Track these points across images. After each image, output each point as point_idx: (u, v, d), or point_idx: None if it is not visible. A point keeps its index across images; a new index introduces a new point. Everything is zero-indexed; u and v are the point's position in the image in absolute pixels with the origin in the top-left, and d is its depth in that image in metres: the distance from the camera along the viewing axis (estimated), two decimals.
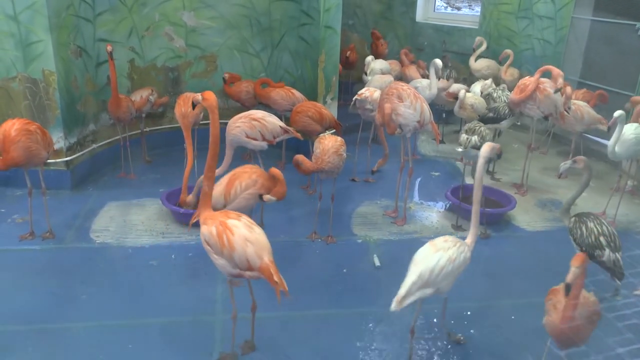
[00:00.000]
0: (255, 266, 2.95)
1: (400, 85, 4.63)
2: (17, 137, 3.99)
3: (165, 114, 6.58)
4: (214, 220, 3.01)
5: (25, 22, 4.82)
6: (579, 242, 3.60)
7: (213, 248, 2.98)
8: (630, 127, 4.79)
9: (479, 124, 4.95)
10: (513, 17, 7.94)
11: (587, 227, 3.60)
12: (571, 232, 3.66)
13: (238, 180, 3.77)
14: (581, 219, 3.66)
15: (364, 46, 9.52)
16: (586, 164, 3.74)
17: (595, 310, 2.81)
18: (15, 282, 3.93)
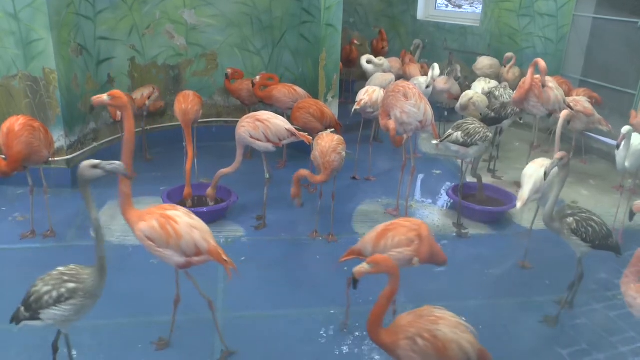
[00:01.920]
0: (204, 250, 3.01)
1: (407, 84, 4.65)
2: (20, 132, 4.01)
3: (166, 112, 6.57)
4: (152, 215, 2.99)
5: (26, 20, 4.81)
6: (591, 238, 3.45)
7: (157, 242, 2.96)
8: (637, 137, 4.65)
9: (471, 122, 4.89)
10: (514, 15, 7.92)
11: (594, 221, 3.48)
12: (576, 233, 3.46)
13: (392, 233, 3.22)
14: (580, 216, 3.51)
15: (365, 44, 9.51)
16: (568, 160, 3.55)
17: None
18: (16, 280, 3.92)
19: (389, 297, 2.56)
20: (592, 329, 3.62)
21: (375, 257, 2.55)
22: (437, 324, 2.47)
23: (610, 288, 4.01)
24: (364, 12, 9.63)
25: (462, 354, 2.45)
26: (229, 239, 4.58)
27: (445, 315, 2.54)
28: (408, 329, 2.47)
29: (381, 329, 2.52)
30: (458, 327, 2.50)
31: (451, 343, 2.43)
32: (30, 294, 2.65)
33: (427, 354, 2.42)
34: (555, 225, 3.54)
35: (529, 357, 3.36)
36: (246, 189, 5.32)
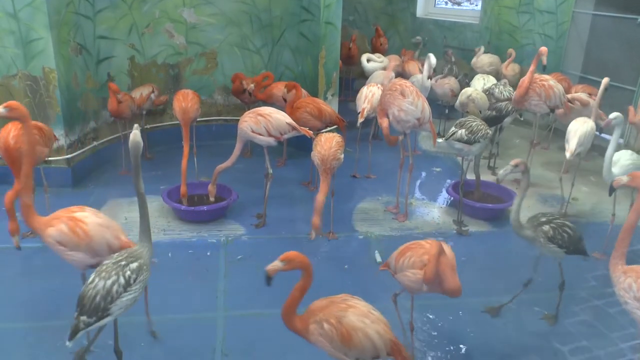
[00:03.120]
0: (117, 247, 3.00)
1: (404, 82, 4.66)
2: (17, 145, 3.95)
3: (166, 111, 6.58)
4: (59, 219, 2.95)
5: (25, 19, 4.82)
6: (567, 244, 3.40)
7: (68, 245, 2.92)
8: (625, 153, 4.38)
9: (473, 119, 4.90)
10: (514, 12, 7.92)
11: (568, 227, 3.43)
12: (553, 240, 3.39)
13: (410, 253, 3.04)
14: (556, 222, 3.44)
15: (365, 42, 9.51)
16: (526, 168, 3.50)
17: None
18: (17, 279, 3.93)
19: (301, 291, 2.62)
20: (592, 325, 3.63)
21: (287, 254, 2.55)
22: (346, 311, 2.50)
23: (610, 285, 3.99)
24: (363, 9, 9.63)
25: (367, 342, 2.46)
26: (229, 237, 4.59)
27: (358, 305, 2.56)
28: (317, 313, 2.54)
29: (294, 316, 2.59)
30: (367, 317, 2.51)
31: (356, 331, 2.45)
32: (89, 296, 2.55)
33: (332, 338, 2.47)
34: (527, 232, 3.47)
35: (530, 354, 3.36)
36: (246, 188, 5.33)
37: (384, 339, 2.50)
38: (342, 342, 2.46)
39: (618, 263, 2.91)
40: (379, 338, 2.48)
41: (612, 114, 4.24)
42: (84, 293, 2.59)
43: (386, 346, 2.50)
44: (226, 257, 4.30)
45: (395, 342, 2.55)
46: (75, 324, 2.56)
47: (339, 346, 2.47)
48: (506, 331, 3.58)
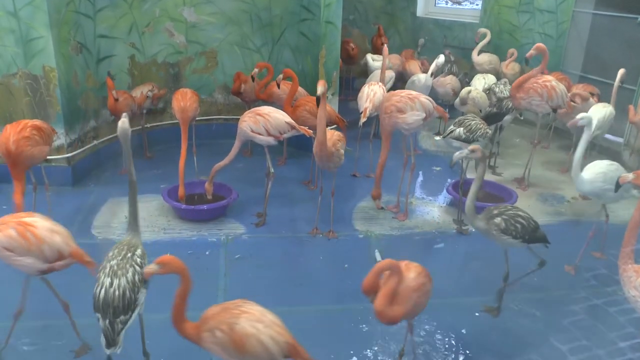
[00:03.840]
0: (67, 253, 2.97)
1: (394, 99, 4.64)
2: (18, 150, 3.95)
3: (166, 110, 6.58)
4: (7, 224, 2.91)
5: (26, 18, 4.82)
6: (521, 234, 3.43)
7: (17, 250, 2.87)
8: (600, 163, 4.13)
9: (472, 118, 4.90)
10: (514, 11, 7.92)
11: (521, 217, 3.45)
12: (506, 232, 3.40)
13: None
14: (507, 214, 3.45)
15: (365, 41, 9.51)
16: (483, 154, 3.50)
17: None
18: (17, 278, 3.92)
19: (182, 296, 2.59)
20: (592, 324, 3.63)
21: (163, 258, 2.54)
22: (238, 318, 2.47)
23: (609, 284, 4.01)
24: (363, 9, 9.62)
25: (261, 348, 2.44)
26: (229, 236, 4.59)
27: (252, 310, 2.53)
28: (210, 321, 2.52)
29: (185, 323, 2.58)
30: (261, 322, 2.48)
31: (249, 337, 2.43)
32: (118, 297, 2.62)
33: (225, 346, 2.45)
34: (480, 224, 3.48)
35: (530, 353, 3.36)
36: (246, 187, 5.33)
37: (278, 342, 2.46)
38: (236, 349, 2.43)
39: (627, 262, 2.90)
40: (273, 343, 2.45)
41: (579, 114, 4.13)
42: (108, 297, 2.60)
43: (282, 350, 2.47)
44: (226, 256, 4.30)
45: (293, 345, 2.52)
46: (109, 329, 2.60)
47: (232, 353, 2.45)
48: (506, 330, 3.58)
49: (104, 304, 2.61)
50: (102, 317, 2.61)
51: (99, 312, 2.63)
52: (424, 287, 2.83)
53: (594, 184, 3.98)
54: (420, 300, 2.83)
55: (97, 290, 2.65)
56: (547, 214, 5.16)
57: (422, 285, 2.82)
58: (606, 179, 3.95)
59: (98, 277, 2.70)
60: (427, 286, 2.86)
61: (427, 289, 2.86)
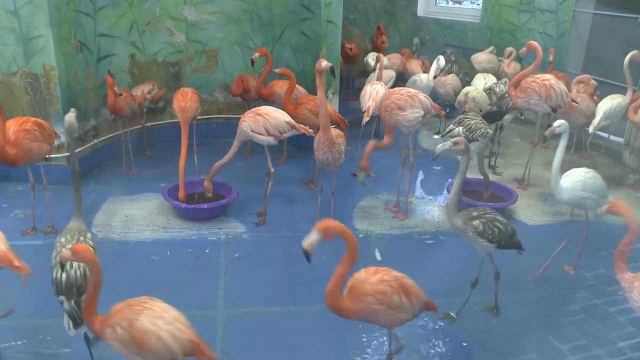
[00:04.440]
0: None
1: (394, 97, 4.69)
2: (17, 140, 3.98)
3: (166, 109, 6.58)
4: None
5: (26, 17, 4.82)
6: (497, 239, 3.41)
7: None
8: (578, 171, 4.03)
9: (472, 117, 4.90)
10: (515, 11, 7.92)
11: (499, 222, 3.43)
12: (483, 235, 3.39)
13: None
14: (486, 217, 3.43)
15: (365, 41, 9.51)
16: (466, 146, 3.45)
17: None
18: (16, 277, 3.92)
19: (93, 287, 2.57)
20: (592, 324, 3.63)
21: (76, 246, 2.56)
22: (139, 314, 2.45)
23: (609, 284, 4.01)
24: (364, 8, 9.62)
25: (160, 344, 2.41)
26: (229, 235, 4.59)
27: (154, 307, 2.51)
28: (113, 317, 2.49)
29: (93, 316, 2.55)
30: (162, 318, 2.46)
31: (148, 333, 2.41)
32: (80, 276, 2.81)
33: (125, 343, 2.43)
34: (458, 222, 3.45)
35: (530, 352, 3.36)
36: (246, 186, 5.33)
37: (179, 340, 2.44)
38: (135, 346, 2.41)
39: (623, 271, 2.99)
40: (173, 340, 2.43)
41: (556, 121, 4.05)
42: (71, 279, 2.77)
43: (183, 347, 2.45)
44: (226, 255, 4.30)
45: (196, 342, 2.50)
46: (75, 309, 2.75)
47: (133, 350, 2.43)
48: (506, 329, 3.58)
49: (67, 286, 2.76)
50: (67, 298, 2.75)
51: (62, 295, 2.76)
52: (382, 297, 2.70)
53: (574, 192, 3.90)
54: (374, 308, 2.71)
55: (57, 275, 2.78)
56: (547, 214, 5.16)
57: (380, 294, 2.71)
58: (585, 187, 3.89)
59: (55, 263, 2.84)
60: (386, 297, 2.71)
61: (386, 300, 2.71)
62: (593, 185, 3.91)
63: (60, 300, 2.78)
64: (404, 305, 2.76)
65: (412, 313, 2.84)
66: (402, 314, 2.79)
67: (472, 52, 7.95)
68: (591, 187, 3.90)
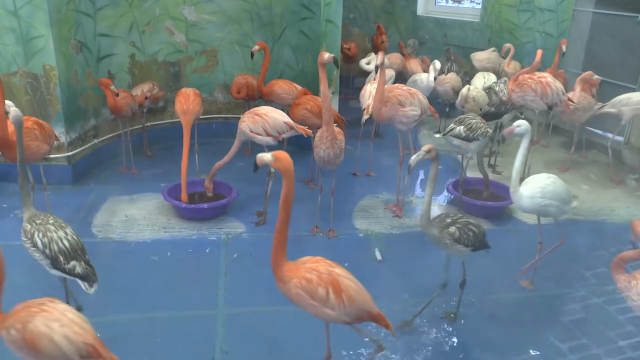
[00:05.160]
0: None
1: (396, 92, 4.75)
2: (15, 136, 3.98)
3: (166, 109, 6.58)
4: None
5: (26, 17, 4.82)
6: (472, 242, 3.38)
7: None
8: (538, 177, 3.88)
9: (473, 116, 4.90)
10: (514, 10, 7.92)
11: (472, 224, 3.39)
12: (460, 241, 3.35)
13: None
14: (460, 222, 3.39)
15: (365, 40, 9.50)
16: (436, 154, 3.38)
17: None
18: (16, 277, 3.93)
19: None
20: (592, 323, 3.63)
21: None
22: (34, 316, 2.39)
23: (609, 282, 4.00)
24: (363, 7, 9.61)
25: (54, 347, 2.36)
26: (229, 235, 4.59)
27: (51, 309, 2.43)
28: (10, 318, 2.44)
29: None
30: (58, 320, 2.40)
31: (41, 336, 2.35)
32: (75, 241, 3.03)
33: (19, 345, 2.39)
34: (434, 232, 3.38)
35: (530, 351, 3.37)
36: (247, 185, 5.33)
37: (74, 342, 2.38)
38: (28, 348, 2.37)
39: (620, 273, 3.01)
40: (68, 342, 2.37)
41: (517, 121, 3.92)
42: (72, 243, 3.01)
43: (79, 350, 2.40)
44: (226, 255, 4.31)
45: (94, 345, 2.44)
46: (89, 267, 3.04)
47: (26, 352, 2.39)
48: (505, 328, 3.59)
49: (72, 250, 2.96)
50: (78, 261, 2.97)
51: (73, 260, 2.95)
52: (306, 284, 2.68)
53: (533, 199, 3.74)
54: (298, 293, 2.68)
55: (59, 245, 2.96)
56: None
57: (305, 281, 2.68)
58: (544, 194, 3.74)
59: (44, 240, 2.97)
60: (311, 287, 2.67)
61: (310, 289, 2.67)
62: (553, 192, 3.75)
63: (71, 267, 2.97)
64: (330, 301, 2.66)
65: (343, 314, 2.70)
66: (327, 310, 2.68)
67: (471, 51, 7.95)
68: (551, 194, 3.74)
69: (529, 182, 3.85)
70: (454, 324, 3.58)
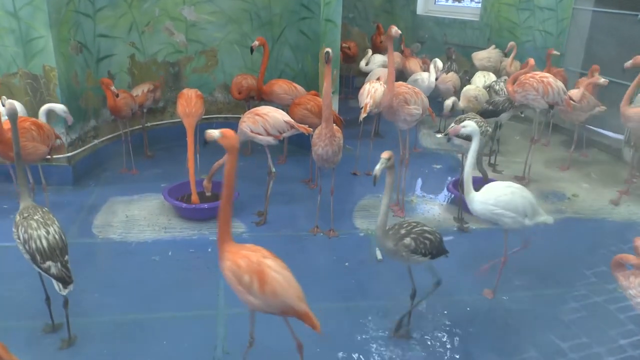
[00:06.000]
0: None
1: (402, 89, 4.77)
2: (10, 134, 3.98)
3: (166, 109, 6.58)
4: None
5: (26, 18, 4.82)
6: (429, 250, 3.24)
7: None
8: (496, 185, 3.77)
9: (473, 116, 4.91)
10: (514, 9, 7.92)
11: (428, 232, 3.27)
12: (416, 251, 3.20)
13: None
14: (415, 232, 3.25)
15: (365, 40, 9.50)
16: (392, 163, 3.23)
17: None
18: (17, 278, 3.94)
19: None
20: (593, 322, 3.63)
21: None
22: None
23: (610, 281, 4.01)
24: (363, 7, 9.61)
25: None
26: None
27: None
28: None
29: None
30: None
31: None
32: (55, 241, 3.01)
33: None
34: (389, 244, 3.21)
35: (529, 350, 3.37)
36: (247, 185, 5.33)
37: None
38: None
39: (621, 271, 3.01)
40: None
41: (464, 121, 3.81)
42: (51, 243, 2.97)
43: None
44: None
45: None
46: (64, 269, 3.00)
47: None
48: (506, 327, 3.59)
49: (51, 250, 2.96)
50: (54, 262, 2.96)
51: (49, 260, 2.95)
52: (235, 268, 2.70)
53: (486, 205, 3.63)
54: (228, 275, 2.73)
55: (37, 244, 2.95)
56: (547, 212, 5.11)
57: (235, 265, 2.71)
58: (497, 203, 3.61)
59: (25, 236, 2.98)
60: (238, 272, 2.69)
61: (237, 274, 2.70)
62: (508, 202, 3.61)
63: (47, 266, 2.97)
64: (253, 290, 2.69)
65: (264, 304, 2.74)
66: (250, 297, 2.73)
67: (471, 50, 7.95)
68: (505, 204, 3.60)
69: (487, 188, 3.73)
70: (453, 324, 3.58)
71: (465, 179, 3.71)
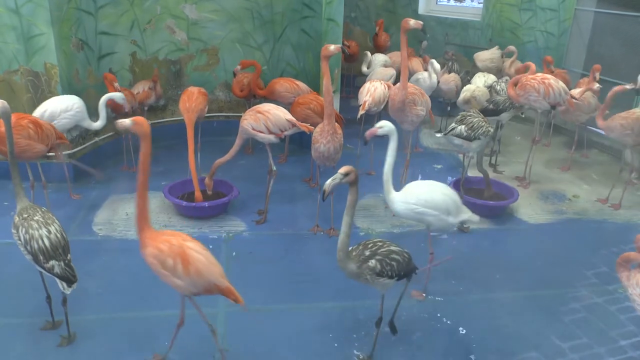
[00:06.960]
0: None
1: (411, 90, 4.90)
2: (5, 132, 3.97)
3: (167, 107, 6.58)
4: None
5: (27, 15, 4.82)
6: (397, 272, 3.03)
7: None
8: (420, 184, 3.77)
9: (474, 115, 4.90)
10: (516, 10, 7.91)
11: (395, 252, 3.05)
12: (382, 274, 2.99)
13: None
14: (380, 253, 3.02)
15: (367, 39, 9.50)
16: (356, 178, 2.97)
17: None
18: (18, 275, 3.93)
19: None
20: (593, 322, 3.63)
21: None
22: None
23: (610, 282, 4.01)
24: (365, 6, 9.62)
25: None
26: (230, 233, 4.59)
27: None
28: None
29: None
30: None
31: None
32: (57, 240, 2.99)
33: None
34: (352, 267, 2.98)
35: (530, 351, 3.36)
36: (247, 184, 5.33)
37: None
38: None
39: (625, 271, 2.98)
40: None
41: (380, 122, 3.63)
42: (54, 242, 2.95)
43: None
44: (227, 253, 4.30)
45: None
46: (68, 268, 2.98)
47: None
48: (506, 328, 3.58)
49: (53, 249, 2.94)
50: (58, 261, 2.95)
51: (52, 260, 2.93)
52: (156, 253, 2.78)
53: (407, 204, 3.56)
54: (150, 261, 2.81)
55: (39, 244, 2.93)
56: (548, 212, 5.16)
57: (156, 250, 2.78)
58: (418, 201, 3.55)
59: (26, 236, 2.95)
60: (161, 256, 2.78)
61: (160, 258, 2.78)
62: (428, 201, 3.54)
63: (50, 266, 2.96)
64: (178, 272, 2.76)
65: (191, 285, 2.81)
66: (176, 280, 2.79)
67: (473, 51, 7.96)
68: (426, 202, 3.54)
69: (407, 187, 3.67)
70: (453, 324, 3.58)
71: (385, 179, 3.62)
